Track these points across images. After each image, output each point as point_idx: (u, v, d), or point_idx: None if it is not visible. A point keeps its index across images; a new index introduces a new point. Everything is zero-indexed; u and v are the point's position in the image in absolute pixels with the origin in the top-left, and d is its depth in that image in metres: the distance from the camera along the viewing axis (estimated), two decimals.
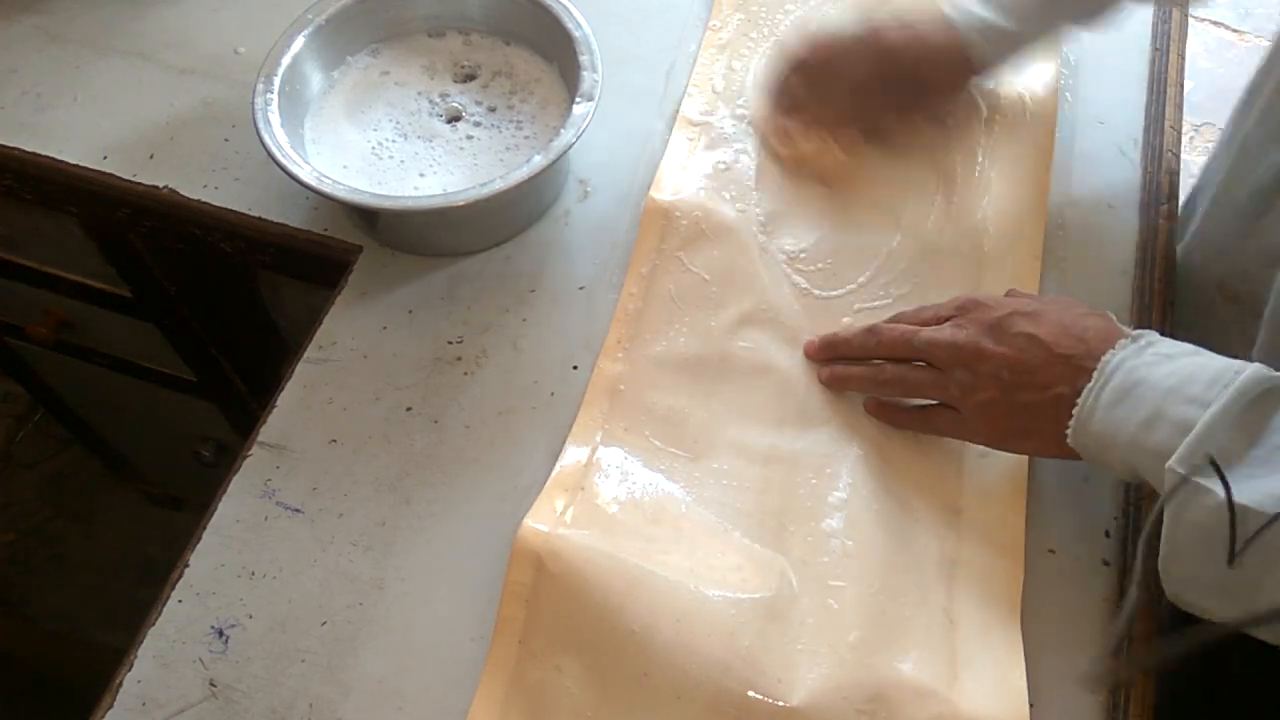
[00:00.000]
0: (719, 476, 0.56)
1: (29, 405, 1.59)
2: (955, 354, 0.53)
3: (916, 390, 0.55)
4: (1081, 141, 0.70)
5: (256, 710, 0.50)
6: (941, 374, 0.54)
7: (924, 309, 0.57)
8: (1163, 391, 0.45)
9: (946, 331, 0.54)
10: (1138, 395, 0.46)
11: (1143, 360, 0.47)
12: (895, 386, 0.56)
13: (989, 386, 0.51)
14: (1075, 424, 0.48)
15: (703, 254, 0.63)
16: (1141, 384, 0.46)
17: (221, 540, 0.54)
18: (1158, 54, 0.75)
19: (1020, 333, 0.51)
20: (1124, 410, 0.46)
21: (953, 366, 0.53)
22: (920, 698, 0.48)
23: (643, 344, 0.60)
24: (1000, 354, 0.51)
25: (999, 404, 0.51)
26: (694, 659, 0.48)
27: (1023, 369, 0.50)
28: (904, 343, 0.55)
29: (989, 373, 0.51)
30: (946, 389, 0.53)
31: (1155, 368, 0.47)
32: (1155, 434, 0.45)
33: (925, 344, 0.54)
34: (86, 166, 0.67)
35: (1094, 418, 0.47)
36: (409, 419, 0.58)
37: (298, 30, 0.65)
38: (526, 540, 0.51)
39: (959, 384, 0.52)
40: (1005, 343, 0.51)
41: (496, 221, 0.64)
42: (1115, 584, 0.53)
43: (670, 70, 0.73)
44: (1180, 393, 0.45)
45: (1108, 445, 0.47)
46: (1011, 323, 0.52)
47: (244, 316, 0.88)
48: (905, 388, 0.56)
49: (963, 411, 0.53)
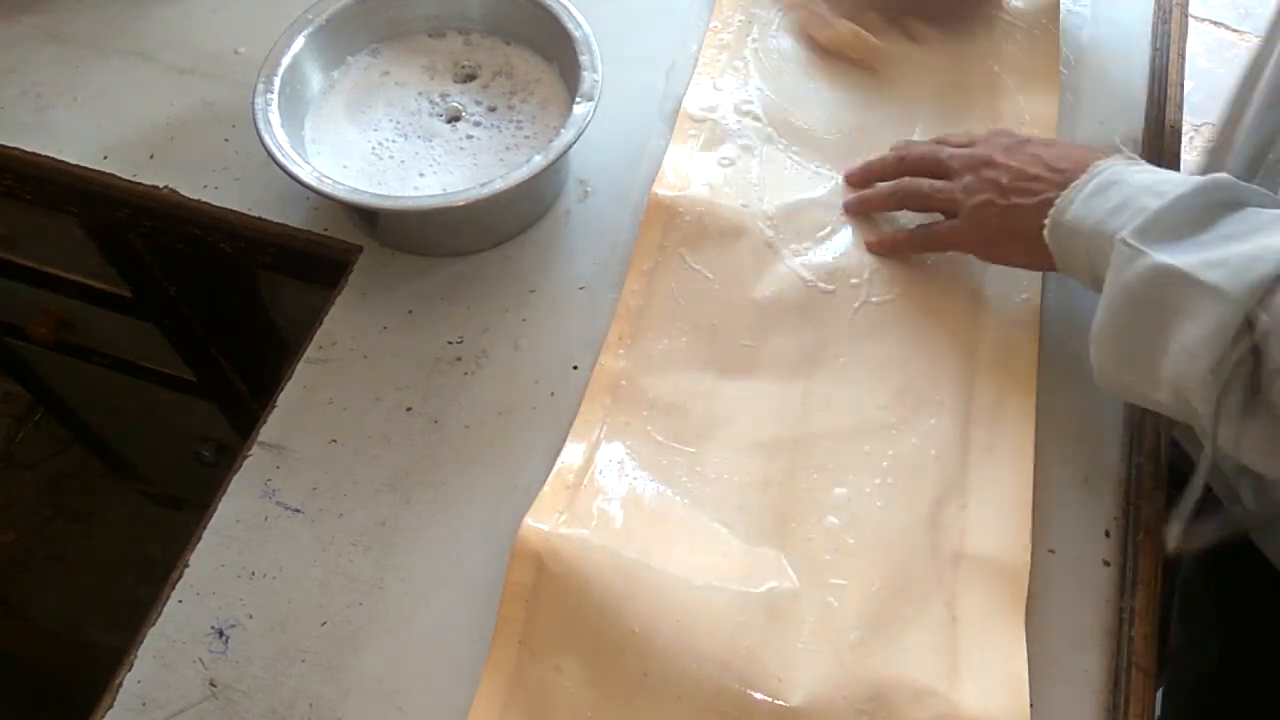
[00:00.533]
0: (720, 472, 0.56)
1: (29, 405, 1.59)
2: (968, 162, 0.59)
3: (928, 196, 0.60)
4: (1081, 141, 0.70)
5: (256, 710, 0.50)
6: (951, 182, 0.59)
7: (959, 134, 0.63)
8: (1137, 187, 0.50)
9: (968, 149, 0.60)
10: (1113, 190, 0.51)
11: (1129, 168, 0.52)
12: (910, 195, 0.62)
13: (988, 189, 0.57)
14: (1054, 213, 0.53)
15: (705, 251, 0.63)
16: (1120, 182, 0.51)
17: (221, 540, 0.54)
18: (1158, 54, 0.75)
19: (1031, 153, 0.57)
20: (1097, 201, 0.51)
21: (963, 173, 0.58)
22: (920, 697, 0.48)
23: (645, 341, 0.60)
24: (1005, 163, 0.57)
25: (993, 205, 0.56)
26: (694, 658, 0.48)
27: (1022, 176, 0.55)
28: (931, 154, 0.62)
29: (991, 178, 0.57)
30: (953, 193, 0.59)
31: (1139, 174, 0.51)
32: (1118, 219, 0.49)
33: (948, 155, 0.60)
34: (86, 166, 0.67)
35: (1071, 208, 0.52)
36: (409, 419, 0.58)
37: (298, 30, 0.65)
38: (527, 540, 0.51)
39: (964, 187, 0.58)
40: (1014, 157, 0.57)
41: (496, 221, 0.64)
42: (1115, 584, 0.53)
43: (670, 70, 0.73)
44: (1151, 189, 0.49)
45: (1076, 233, 0.51)
46: (1026, 145, 0.58)
47: (244, 316, 0.88)
48: (918, 195, 0.61)
49: (960, 214, 0.58)
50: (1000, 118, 0.70)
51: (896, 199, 0.63)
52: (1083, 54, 0.75)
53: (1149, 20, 0.77)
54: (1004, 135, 0.60)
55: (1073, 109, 0.72)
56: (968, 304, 0.61)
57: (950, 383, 0.59)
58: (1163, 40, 0.76)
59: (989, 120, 0.70)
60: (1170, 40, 0.75)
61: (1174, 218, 0.47)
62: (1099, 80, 0.74)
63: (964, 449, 0.57)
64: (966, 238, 0.59)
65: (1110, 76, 0.74)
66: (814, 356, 0.60)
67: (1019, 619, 0.51)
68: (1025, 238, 0.55)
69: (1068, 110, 0.71)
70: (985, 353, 0.60)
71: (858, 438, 0.57)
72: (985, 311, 0.61)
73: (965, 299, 0.61)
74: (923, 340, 0.60)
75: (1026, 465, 0.56)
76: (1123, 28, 0.77)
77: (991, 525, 0.54)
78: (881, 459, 0.56)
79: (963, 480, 0.56)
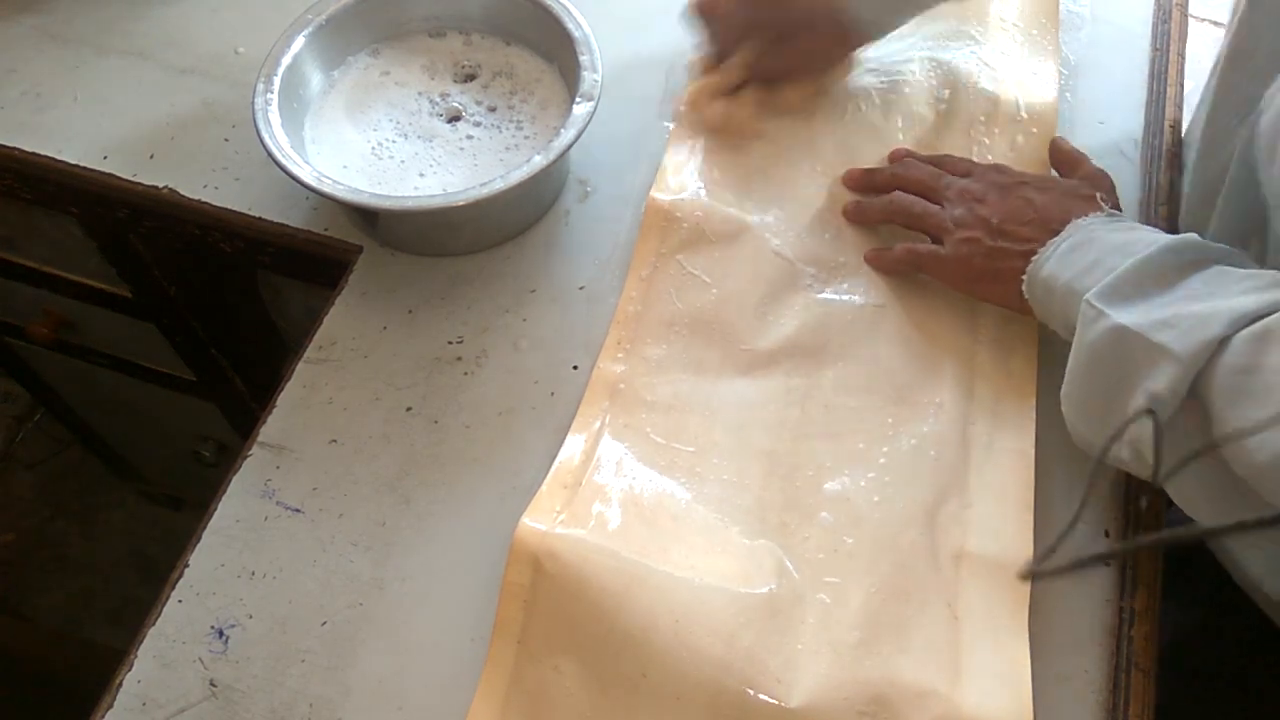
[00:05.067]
0: (719, 473, 0.56)
1: (29, 405, 1.59)
2: (963, 195, 0.60)
3: (920, 217, 0.61)
4: (1081, 141, 0.70)
5: (256, 710, 0.50)
6: (943, 209, 0.60)
7: (961, 159, 0.64)
8: (1109, 247, 0.51)
9: (963, 180, 0.61)
10: (1087, 249, 0.52)
11: (1106, 227, 0.53)
12: (902, 213, 0.62)
13: (977, 227, 0.58)
14: (1031, 268, 0.54)
15: (704, 256, 0.63)
16: (1094, 241, 0.52)
17: (221, 540, 0.54)
18: (1158, 54, 0.75)
19: (1023, 197, 0.58)
20: (1070, 260, 0.52)
21: (956, 203, 0.60)
22: (922, 698, 0.48)
23: (643, 345, 0.60)
24: (998, 204, 0.58)
25: (980, 243, 0.57)
26: (693, 659, 0.48)
27: (1012, 220, 0.57)
28: (927, 179, 0.62)
29: (983, 216, 0.58)
30: (943, 220, 0.59)
31: (1113, 233, 0.53)
32: (1088, 278, 0.50)
33: (944, 184, 0.61)
34: (86, 166, 0.67)
35: (1047, 264, 0.54)
36: (409, 419, 0.58)
37: (298, 30, 0.65)
38: (524, 540, 0.51)
39: (954, 218, 0.59)
40: (1007, 199, 0.58)
41: (496, 221, 0.64)
42: (1115, 584, 0.53)
43: (670, 70, 0.73)
44: (1122, 249, 0.50)
45: (1051, 289, 0.53)
46: (1020, 188, 0.59)
47: (244, 316, 0.88)
48: (909, 214, 0.62)
49: (946, 245, 0.59)
50: (999, 118, 0.70)
51: (890, 213, 0.63)
52: (1083, 54, 0.75)
53: (1149, 20, 0.77)
54: (1002, 173, 0.61)
55: (1073, 109, 0.72)
56: (967, 304, 0.61)
57: (950, 383, 0.59)
58: (1163, 40, 0.76)
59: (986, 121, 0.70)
60: (1170, 40, 0.75)
61: (1138, 279, 0.48)
62: (1099, 80, 0.74)
63: (964, 449, 0.57)
64: (948, 269, 0.59)
65: (1110, 76, 0.74)
66: (813, 358, 0.60)
67: (1021, 619, 0.51)
68: (1006, 282, 0.56)
69: (1067, 110, 0.71)
70: (985, 353, 0.60)
71: (857, 438, 0.57)
72: (985, 312, 0.61)
73: (965, 300, 0.61)
74: (922, 341, 0.60)
75: (1027, 465, 0.56)
76: (1123, 28, 0.77)
77: (992, 525, 0.54)
78: (881, 459, 0.56)
79: (963, 480, 0.56)
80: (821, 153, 0.69)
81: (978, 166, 0.62)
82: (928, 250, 0.60)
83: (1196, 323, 0.44)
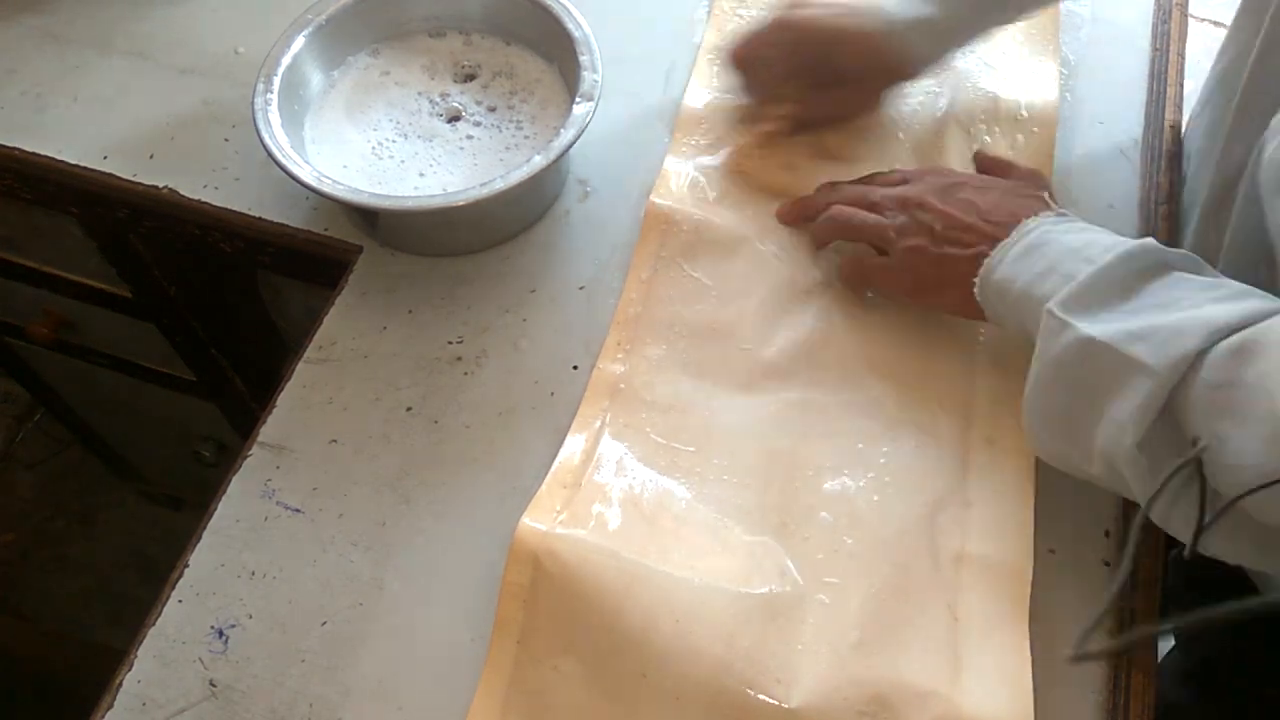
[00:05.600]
0: (719, 473, 0.56)
1: (29, 405, 1.59)
2: (902, 202, 0.58)
3: (858, 229, 0.59)
4: (1081, 141, 0.70)
5: (256, 710, 0.50)
6: (884, 219, 0.58)
7: (892, 172, 0.62)
8: (1063, 251, 0.50)
9: (900, 188, 0.59)
10: (1040, 252, 0.51)
11: (1057, 228, 0.52)
12: (842, 224, 0.60)
13: (921, 233, 0.56)
14: (983, 272, 0.53)
15: (703, 258, 0.63)
16: (1047, 244, 0.51)
17: (221, 540, 0.54)
18: (1158, 54, 0.75)
19: (964, 198, 0.56)
20: (1025, 263, 0.51)
21: (897, 212, 0.57)
22: (922, 699, 0.48)
23: (643, 346, 0.60)
24: (940, 209, 0.56)
25: (926, 251, 0.55)
26: (693, 659, 0.48)
27: (955, 225, 0.55)
28: (861, 195, 0.60)
29: (925, 222, 0.56)
30: (885, 230, 0.58)
31: (1065, 235, 0.51)
32: (1045, 284, 0.49)
33: (879, 196, 0.59)
34: (86, 166, 0.67)
35: (999, 269, 0.52)
36: (409, 419, 0.58)
37: (298, 30, 0.65)
38: (524, 540, 0.51)
39: (897, 227, 0.57)
40: (948, 202, 0.56)
41: (496, 221, 0.64)
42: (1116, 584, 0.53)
43: (670, 70, 0.73)
44: (1078, 254, 0.49)
45: (1005, 294, 0.51)
46: (960, 189, 0.57)
47: (244, 316, 0.88)
48: (849, 226, 0.60)
49: (892, 255, 0.57)
50: (1000, 117, 0.70)
51: (831, 229, 0.61)
52: (1083, 54, 0.75)
53: (1149, 20, 0.77)
54: (938, 175, 0.59)
55: (1073, 109, 0.72)
56: None
57: (950, 383, 0.59)
58: (1163, 40, 0.76)
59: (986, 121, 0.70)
60: (1170, 40, 0.75)
61: (1100, 286, 0.46)
62: (1099, 80, 0.74)
63: (964, 449, 0.57)
64: (897, 279, 0.58)
65: (1110, 76, 0.74)
66: (813, 359, 0.60)
67: (1022, 620, 0.51)
68: (956, 287, 0.54)
69: (1068, 110, 0.71)
70: (984, 353, 0.60)
71: (857, 438, 0.57)
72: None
73: None
74: (922, 341, 0.60)
75: (1027, 465, 0.56)
76: (1123, 28, 0.77)
77: (993, 525, 0.54)
78: (881, 459, 0.56)
79: (963, 480, 0.56)
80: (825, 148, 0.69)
81: (911, 171, 0.61)
82: (874, 263, 0.59)
83: (1170, 335, 0.43)
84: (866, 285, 0.61)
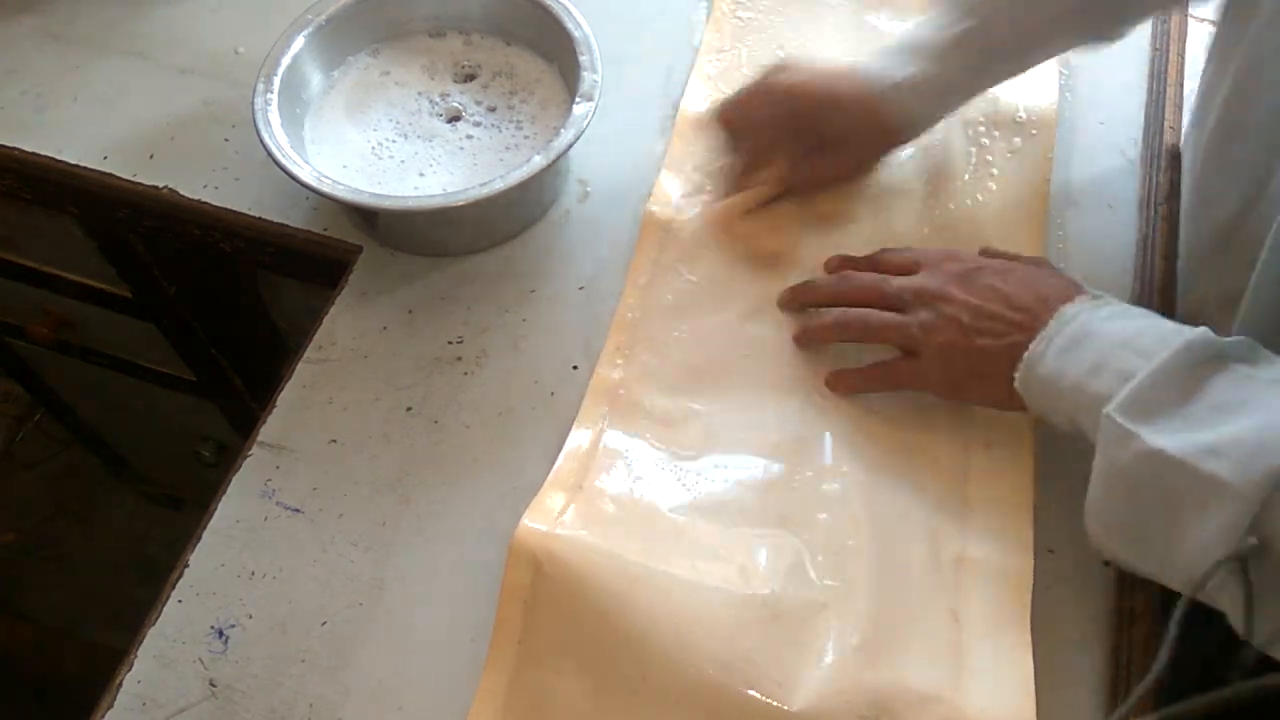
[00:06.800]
0: (719, 475, 0.56)
1: (29, 405, 1.59)
2: (922, 295, 0.54)
3: (880, 331, 0.56)
4: (1081, 141, 0.70)
5: (256, 710, 0.50)
6: (905, 316, 0.55)
7: (904, 251, 0.59)
8: (1111, 343, 0.47)
9: (917, 278, 0.56)
10: (1087, 344, 0.48)
11: (1098, 315, 0.49)
12: (859, 328, 0.57)
13: (949, 329, 0.53)
14: (1024, 367, 0.50)
15: (702, 263, 0.63)
16: (1093, 335, 0.48)
17: (221, 540, 0.54)
18: (1158, 54, 0.75)
19: (986, 284, 0.53)
20: (1072, 357, 0.48)
21: (917, 308, 0.55)
22: (924, 702, 0.48)
23: (642, 351, 0.60)
24: (964, 299, 0.53)
25: (957, 346, 0.53)
26: (694, 661, 0.48)
27: (983, 315, 0.52)
28: (875, 289, 0.57)
29: (951, 315, 0.53)
30: (908, 330, 0.54)
31: (1109, 322, 0.49)
32: (1098, 381, 0.46)
33: (896, 289, 0.56)
34: (86, 166, 0.67)
35: (1043, 362, 0.49)
36: (409, 419, 0.58)
37: (298, 30, 0.65)
38: (524, 541, 0.51)
39: (921, 324, 0.54)
40: (971, 291, 0.53)
41: (496, 221, 0.64)
42: (1115, 584, 0.53)
43: (670, 70, 0.73)
44: (1128, 346, 0.47)
45: (1052, 390, 0.49)
46: (980, 274, 0.54)
47: (244, 316, 0.88)
48: (867, 328, 0.56)
49: (921, 354, 0.54)
50: (1000, 119, 0.70)
51: (846, 332, 0.57)
52: (1082, 54, 0.75)
53: (1149, 20, 0.77)
54: (952, 259, 0.56)
55: (1072, 109, 0.72)
56: None
57: None
58: (1163, 40, 0.76)
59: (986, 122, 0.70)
60: (1170, 40, 0.75)
61: (1159, 388, 0.44)
62: (1099, 80, 0.74)
63: (964, 453, 0.57)
64: (930, 379, 0.55)
65: (1110, 76, 0.74)
66: (812, 362, 0.60)
67: (1024, 623, 0.51)
68: (992, 380, 0.52)
69: (1067, 110, 0.71)
70: None
71: (857, 441, 0.57)
72: None
73: None
74: None
75: (1026, 469, 0.56)
76: None
77: (993, 527, 0.54)
78: (881, 461, 0.56)
79: (963, 482, 0.56)
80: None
81: (924, 256, 0.57)
82: (904, 366, 0.56)
83: (1252, 450, 0.40)
84: (894, 389, 0.57)
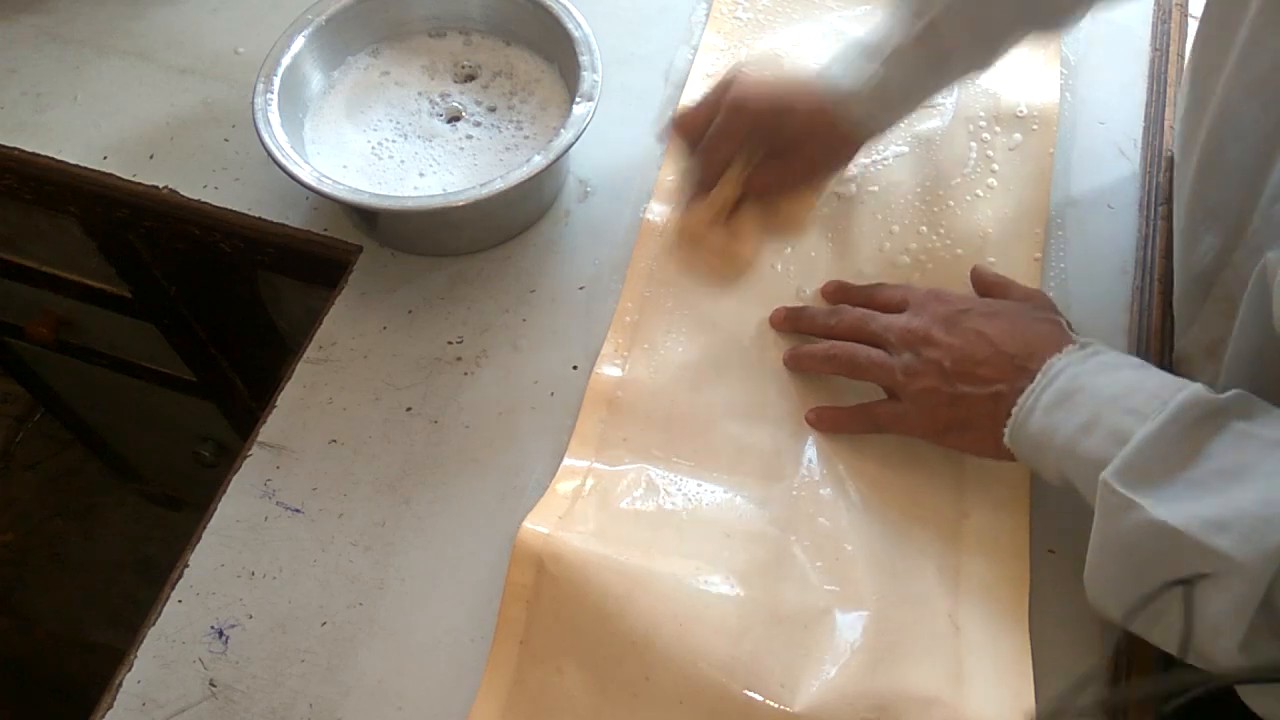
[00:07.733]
0: (719, 478, 0.56)
1: (29, 405, 1.59)
2: (905, 337, 0.54)
3: (864, 369, 0.56)
4: (1081, 141, 0.70)
5: (256, 710, 0.50)
6: (889, 356, 0.55)
7: (897, 288, 0.59)
8: (1102, 399, 0.46)
9: (903, 318, 0.55)
10: (1078, 401, 0.47)
11: (1086, 368, 0.48)
12: (844, 363, 0.57)
13: (931, 374, 0.52)
14: (1013, 423, 0.49)
15: (696, 268, 0.63)
16: (1083, 390, 0.47)
17: (221, 540, 0.54)
18: (1158, 54, 0.75)
19: (971, 328, 0.52)
20: (1062, 414, 0.47)
21: (901, 349, 0.54)
22: (925, 705, 0.48)
23: (640, 353, 0.60)
24: (947, 343, 0.52)
25: (939, 392, 0.52)
26: (696, 663, 0.48)
27: (966, 360, 0.51)
28: (861, 324, 0.57)
29: (933, 359, 0.52)
30: (892, 371, 0.54)
31: (1098, 376, 0.47)
32: (1090, 440, 0.45)
33: (881, 328, 0.56)
34: (86, 166, 0.67)
35: (1032, 418, 0.48)
36: (409, 419, 0.58)
37: (298, 30, 0.65)
38: (527, 541, 0.51)
39: (903, 367, 0.53)
40: (955, 334, 0.52)
41: (496, 221, 0.64)
42: None
43: (670, 70, 0.74)
44: (1120, 402, 0.45)
45: (1043, 447, 0.48)
46: (965, 317, 0.53)
47: (244, 316, 0.88)
48: (853, 365, 0.56)
49: (903, 398, 0.54)
50: (1000, 116, 0.70)
51: (834, 364, 0.57)
52: (1083, 54, 0.75)
53: (1149, 20, 0.77)
54: (940, 301, 0.55)
55: (1072, 109, 0.72)
56: None
57: None
58: (1163, 40, 0.76)
59: (987, 119, 0.70)
60: (1170, 40, 0.75)
61: (1158, 452, 0.43)
62: (1099, 80, 0.74)
63: (960, 460, 0.56)
64: (912, 423, 0.54)
65: (1110, 76, 0.74)
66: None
67: (1022, 628, 0.51)
68: (978, 429, 0.51)
69: (1067, 110, 0.71)
70: None
71: (857, 444, 0.57)
72: None
73: None
74: None
75: (1022, 476, 0.56)
76: (1123, 28, 0.77)
77: (991, 531, 0.54)
78: (881, 463, 0.56)
79: (960, 486, 0.56)
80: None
81: (914, 294, 0.56)
82: (886, 410, 0.55)
83: (1258, 524, 0.38)
84: (876, 431, 0.56)
